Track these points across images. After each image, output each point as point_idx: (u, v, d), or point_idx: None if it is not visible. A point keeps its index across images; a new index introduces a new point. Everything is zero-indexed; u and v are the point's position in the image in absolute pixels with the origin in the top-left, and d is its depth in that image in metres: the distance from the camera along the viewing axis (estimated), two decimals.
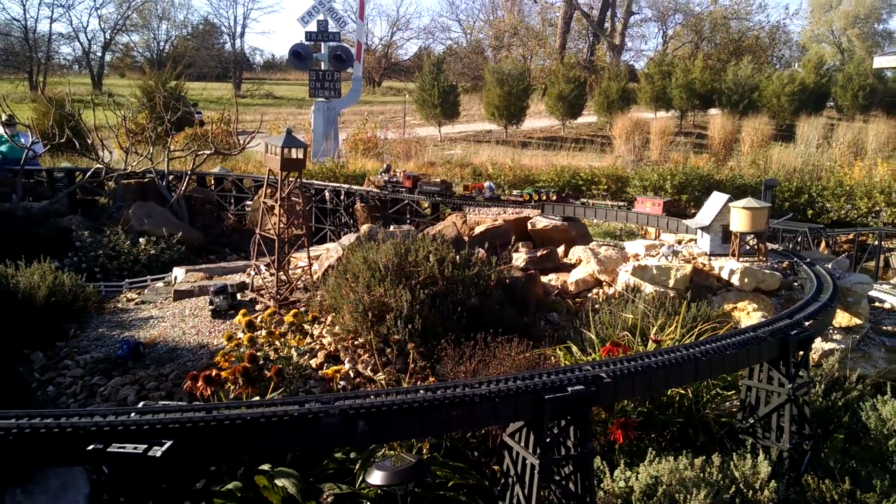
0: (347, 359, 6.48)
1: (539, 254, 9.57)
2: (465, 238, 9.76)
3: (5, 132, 16.81)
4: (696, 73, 35.09)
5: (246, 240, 12.59)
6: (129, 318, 8.35)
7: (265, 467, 4.52)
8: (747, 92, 33.98)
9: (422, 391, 4.05)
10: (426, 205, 13.19)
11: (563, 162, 22.99)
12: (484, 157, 24.43)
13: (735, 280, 7.88)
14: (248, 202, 14.00)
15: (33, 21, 49.61)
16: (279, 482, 4.38)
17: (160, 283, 9.61)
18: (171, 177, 13.40)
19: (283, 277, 8.13)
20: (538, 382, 4.15)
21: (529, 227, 10.79)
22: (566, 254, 10.06)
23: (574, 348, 6.40)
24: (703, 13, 49.79)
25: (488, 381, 4.18)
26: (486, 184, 12.53)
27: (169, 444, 3.51)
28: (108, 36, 52.79)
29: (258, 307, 7.97)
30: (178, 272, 9.62)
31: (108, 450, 3.46)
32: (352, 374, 6.36)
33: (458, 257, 7.23)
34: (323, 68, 27.30)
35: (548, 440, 4.09)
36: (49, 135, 17.26)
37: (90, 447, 3.47)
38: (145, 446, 3.48)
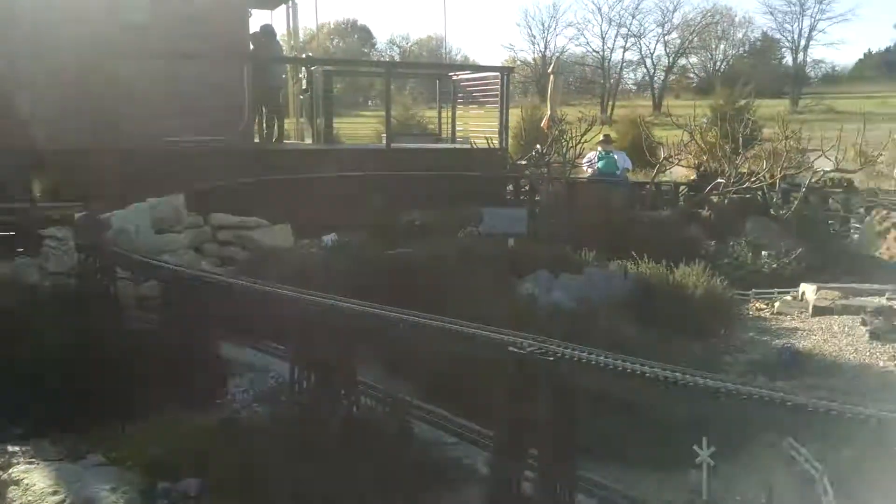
0: None
1: None
2: None
3: (602, 150, 18.98)
4: None
5: (856, 262, 11.92)
6: (772, 326, 8.74)
7: None
8: None
9: None
10: None
11: None
12: None
13: None
14: (856, 224, 13.27)
15: (609, 51, 56.13)
16: None
17: (788, 297, 9.77)
18: (773, 192, 13.51)
19: None
20: None
21: None
22: None
23: None
24: None
25: None
26: None
27: None
28: (670, 60, 56.44)
29: None
30: (807, 288, 9.64)
31: None
32: None
33: None
34: None
35: None
36: (629, 151, 19.50)
37: None
38: None
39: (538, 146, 17.53)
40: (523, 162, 18.17)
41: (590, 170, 18.04)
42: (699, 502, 5.23)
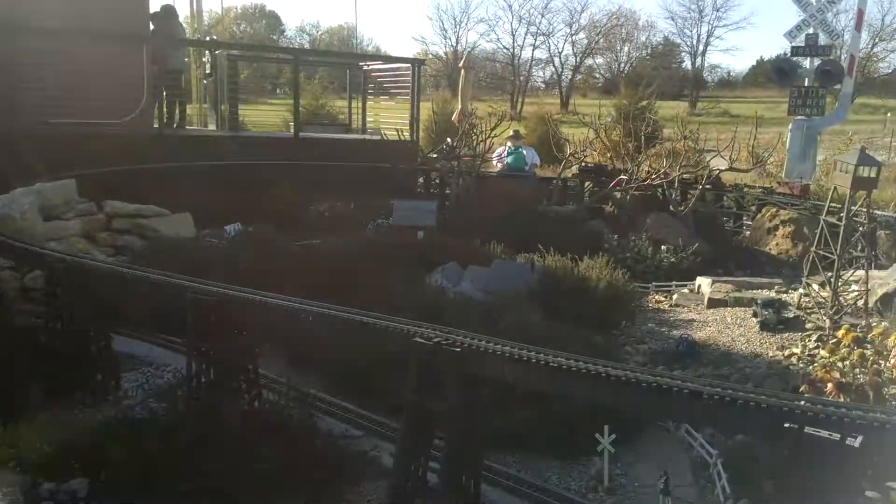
0: None
1: None
2: None
3: (511, 145, 19.19)
4: None
5: (748, 257, 12.51)
6: (671, 318, 9.05)
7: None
8: None
9: None
10: None
11: None
12: None
13: None
14: (748, 221, 13.94)
15: (519, 49, 57.04)
16: None
17: (685, 290, 10.16)
18: (672, 189, 14.01)
19: (839, 300, 7.91)
20: None
21: None
22: None
23: None
24: None
25: None
26: None
27: (861, 437, 3.71)
28: (577, 60, 57.89)
29: (808, 326, 7.94)
30: (703, 281, 10.05)
31: (805, 430, 3.81)
32: None
33: None
34: (806, 84, 25.82)
35: None
36: (538, 147, 20.07)
37: (786, 424, 3.87)
38: (840, 435, 3.73)
39: (449, 139, 17.58)
40: (434, 155, 18.15)
41: (499, 164, 18.21)
42: (601, 489, 5.35)
